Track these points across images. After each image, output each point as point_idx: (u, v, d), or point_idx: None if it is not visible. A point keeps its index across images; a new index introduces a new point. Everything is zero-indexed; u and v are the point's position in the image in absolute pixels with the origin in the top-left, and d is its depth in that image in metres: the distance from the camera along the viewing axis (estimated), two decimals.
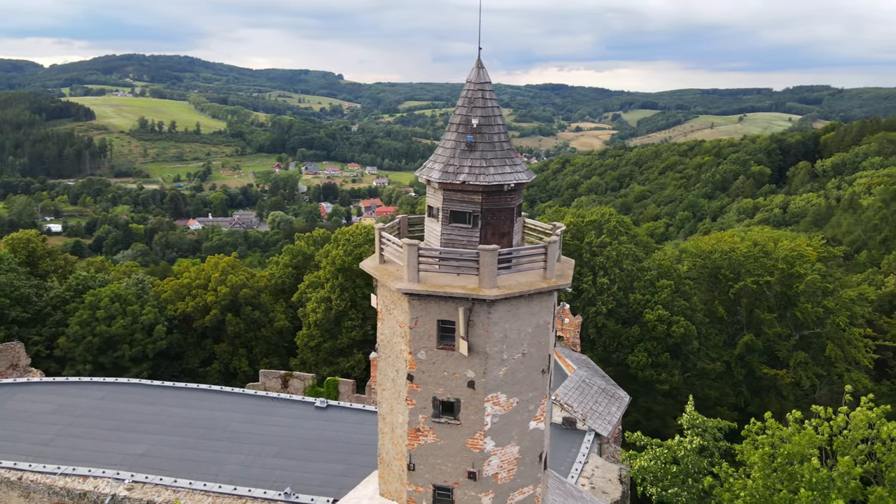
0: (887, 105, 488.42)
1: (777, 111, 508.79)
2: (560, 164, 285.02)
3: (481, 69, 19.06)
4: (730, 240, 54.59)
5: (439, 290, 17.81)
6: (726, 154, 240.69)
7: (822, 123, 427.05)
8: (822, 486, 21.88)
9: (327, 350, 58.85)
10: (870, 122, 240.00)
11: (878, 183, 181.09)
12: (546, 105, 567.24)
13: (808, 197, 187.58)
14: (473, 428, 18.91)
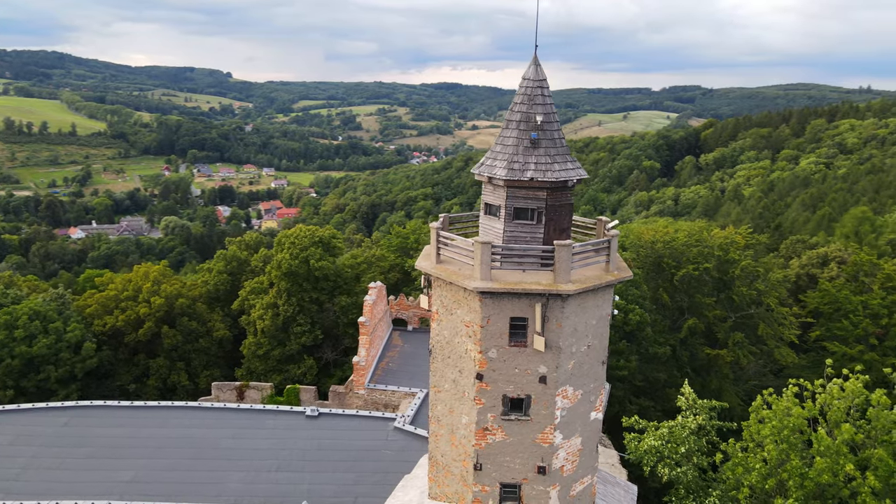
0: (751, 103, 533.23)
1: (656, 109, 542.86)
2: (463, 162, 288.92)
3: (539, 66, 19.22)
4: (662, 231, 57.84)
5: (516, 287, 17.81)
6: (619, 150, 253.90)
7: (696, 121, 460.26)
8: (831, 453, 23.92)
9: (276, 358, 56.71)
10: (742, 119, 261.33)
11: (756, 175, 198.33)
12: (442, 104, 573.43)
13: (697, 189, 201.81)
14: (544, 423, 19.08)
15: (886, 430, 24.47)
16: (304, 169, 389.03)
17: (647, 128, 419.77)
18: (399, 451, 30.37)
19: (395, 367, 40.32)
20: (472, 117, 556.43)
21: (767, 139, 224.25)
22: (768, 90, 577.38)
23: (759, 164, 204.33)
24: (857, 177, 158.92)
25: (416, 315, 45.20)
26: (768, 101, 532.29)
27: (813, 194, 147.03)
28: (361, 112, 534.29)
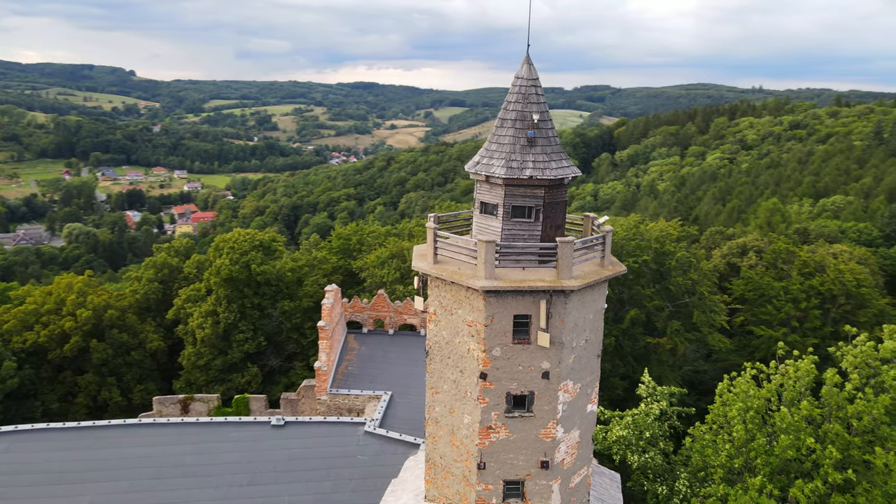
0: (657, 102, 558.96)
1: (570, 108, 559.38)
2: (385, 162, 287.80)
3: (531, 65, 19.38)
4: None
5: (522, 285, 17.91)
6: None
7: (607, 119, 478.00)
8: (793, 429, 25.48)
9: (218, 367, 54.59)
10: (652, 117, 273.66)
11: (668, 170, 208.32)
12: (359, 104, 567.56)
13: (614, 185, 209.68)
14: (546, 418, 19.30)
15: (839, 406, 26.31)
16: (218, 171, 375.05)
17: (562, 126, 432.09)
18: (373, 456, 29.89)
19: (356, 370, 39.64)
20: (390, 117, 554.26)
21: (676, 136, 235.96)
22: (672, 90, 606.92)
23: (670, 161, 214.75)
24: (759, 171, 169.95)
25: (371, 317, 44.62)
26: (672, 100, 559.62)
27: (721, 188, 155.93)
28: (277, 112, 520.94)
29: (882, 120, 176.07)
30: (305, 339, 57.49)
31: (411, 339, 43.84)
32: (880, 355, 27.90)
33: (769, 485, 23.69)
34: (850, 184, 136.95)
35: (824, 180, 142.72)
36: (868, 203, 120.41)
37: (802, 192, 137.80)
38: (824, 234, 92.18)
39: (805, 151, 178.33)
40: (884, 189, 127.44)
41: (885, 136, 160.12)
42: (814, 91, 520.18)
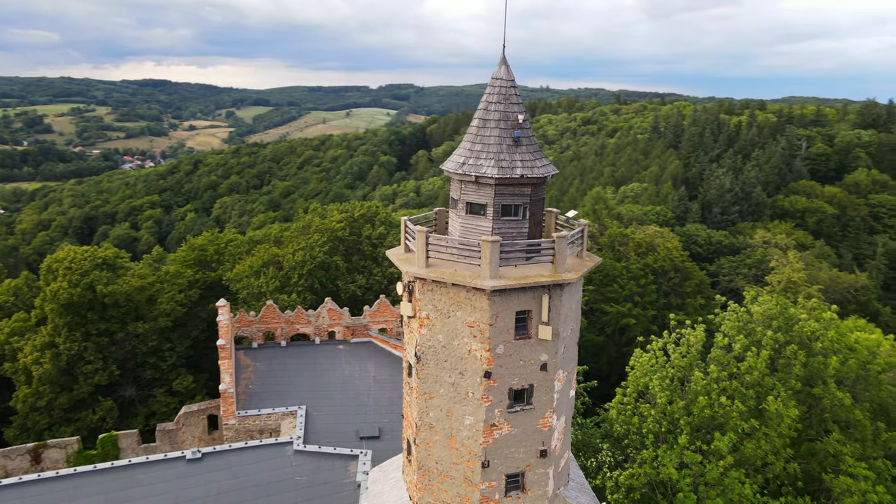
0: (458, 100, 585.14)
1: (376, 106, 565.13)
2: (192, 165, 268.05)
3: (508, 66, 19.77)
4: None
5: (527, 281, 18.31)
6: (356, 146, 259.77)
7: (414, 117, 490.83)
8: (705, 391, 28.93)
9: (63, 406, 47.91)
10: (462, 115, 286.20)
11: None
12: (150, 103, 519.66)
13: (434, 181, 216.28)
14: (544, 408, 19.96)
15: (734, 366, 30.40)
16: None
17: (370, 124, 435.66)
18: (312, 475, 28.38)
19: (258, 388, 37.08)
20: (187, 117, 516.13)
21: None
22: (471, 88, 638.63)
23: None
24: (564, 163, 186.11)
25: (260, 330, 41.91)
26: (472, 99, 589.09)
27: None
28: (50, 112, 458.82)
29: (657, 116, 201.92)
30: (165, 362, 52.41)
31: (307, 350, 42.00)
32: (754, 318, 32.61)
33: (697, 440, 26.75)
34: (641, 172, 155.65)
35: (620, 170, 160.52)
36: (659, 188, 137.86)
37: (605, 181, 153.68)
38: (634, 217, 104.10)
39: (599, 144, 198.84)
40: (668, 177, 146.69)
41: (662, 130, 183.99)
42: (591, 90, 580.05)
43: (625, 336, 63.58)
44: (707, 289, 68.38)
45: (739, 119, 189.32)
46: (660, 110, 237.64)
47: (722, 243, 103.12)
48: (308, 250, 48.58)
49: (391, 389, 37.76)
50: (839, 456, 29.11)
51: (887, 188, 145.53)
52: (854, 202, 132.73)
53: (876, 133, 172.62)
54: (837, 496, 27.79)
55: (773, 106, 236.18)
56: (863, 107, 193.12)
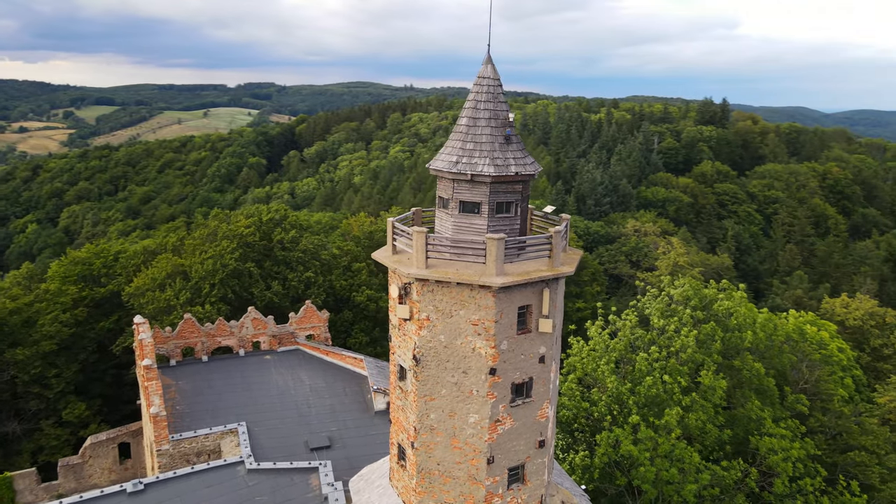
0: (322, 100, 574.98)
1: (236, 106, 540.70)
2: (30, 171, 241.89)
3: (493, 65, 19.97)
4: (370, 220, 61.50)
5: (532, 276, 18.66)
6: (221, 148, 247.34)
7: (277, 116, 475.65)
8: (651, 370, 30.94)
9: None
10: (331, 114, 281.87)
11: (358, 164, 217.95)
12: None
13: (308, 182, 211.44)
14: (542, 400, 20.47)
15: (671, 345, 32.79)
16: None
17: (231, 125, 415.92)
18: (272, 493, 26.99)
19: (186, 409, 34.46)
20: (17, 117, 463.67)
21: (358, 132, 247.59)
22: (335, 87, 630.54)
23: (358, 155, 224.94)
24: None
25: (178, 346, 38.96)
26: (336, 98, 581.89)
27: (415, 178, 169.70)
28: None
29: (525, 115, 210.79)
30: (51, 390, 47.54)
31: (232, 363, 39.65)
32: (675, 299, 35.33)
33: (651, 417, 28.59)
34: None
35: None
36: (536, 183, 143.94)
37: None
38: None
39: None
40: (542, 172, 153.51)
41: (531, 128, 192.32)
42: (455, 89, 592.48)
43: None
44: (601, 276, 72.77)
45: (598, 117, 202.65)
46: (525, 108, 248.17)
47: (599, 233, 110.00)
48: (218, 258, 45.81)
49: (331, 397, 36.69)
50: (760, 420, 32.42)
51: (729, 178, 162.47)
52: (703, 191, 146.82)
53: (714, 129, 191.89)
54: (764, 455, 30.98)
55: (626, 104, 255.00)
56: (701, 105, 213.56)
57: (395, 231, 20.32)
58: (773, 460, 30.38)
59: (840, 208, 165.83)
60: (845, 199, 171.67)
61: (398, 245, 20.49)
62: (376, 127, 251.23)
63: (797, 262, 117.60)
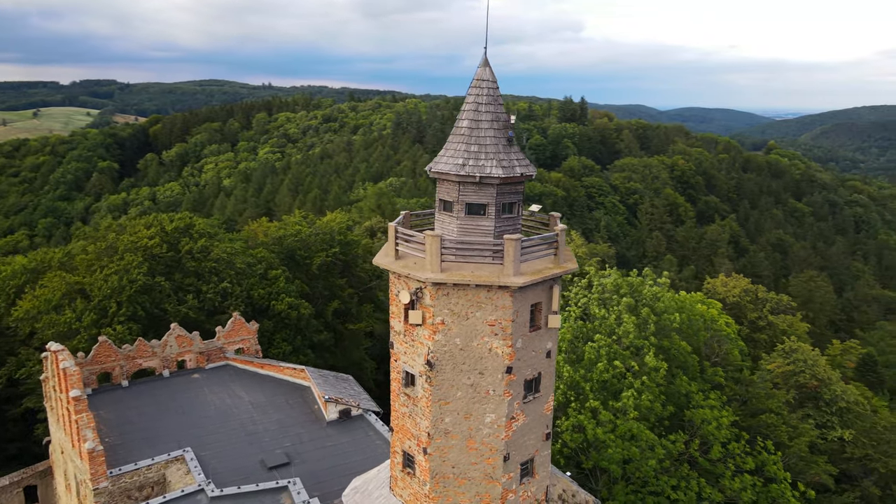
0: (172, 98, 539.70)
1: (72, 105, 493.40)
2: None
3: (491, 68, 20.18)
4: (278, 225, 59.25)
5: (546, 274, 19.14)
6: (63, 152, 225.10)
7: (122, 116, 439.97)
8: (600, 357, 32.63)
9: None
10: (189, 114, 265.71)
11: (225, 167, 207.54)
12: None
13: (172, 186, 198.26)
14: (548, 393, 21.08)
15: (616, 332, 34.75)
16: None
17: (68, 126, 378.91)
18: None
19: (117, 440, 31.35)
20: None
21: (222, 133, 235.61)
22: (186, 86, 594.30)
23: (225, 157, 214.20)
24: (315, 163, 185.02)
25: (92, 373, 35.30)
26: (188, 97, 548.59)
27: (291, 179, 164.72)
28: None
29: (399, 113, 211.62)
30: None
31: (157, 386, 36.61)
32: (608, 289, 37.53)
33: (611, 401, 30.24)
34: (395, 167, 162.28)
35: (375, 166, 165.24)
36: (416, 181, 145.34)
37: (362, 177, 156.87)
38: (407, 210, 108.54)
39: (345, 142, 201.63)
40: (421, 170, 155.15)
41: (405, 126, 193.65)
42: (315, 88, 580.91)
43: None
44: None
45: None
46: (394, 107, 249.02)
47: None
48: (123, 274, 41.96)
49: (276, 411, 35.06)
50: (689, 394, 35.38)
51: (594, 171, 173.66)
52: (574, 185, 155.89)
53: (576, 126, 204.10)
54: (700, 425, 33.88)
55: None
56: (562, 104, 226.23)
57: (403, 237, 19.98)
58: (707, 430, 33.38)
59: (687, 197, 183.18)
60: (691, 188, 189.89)
61: (401, 250, 20.16)
62: (241, 127, 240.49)
63: (663, 248, 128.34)
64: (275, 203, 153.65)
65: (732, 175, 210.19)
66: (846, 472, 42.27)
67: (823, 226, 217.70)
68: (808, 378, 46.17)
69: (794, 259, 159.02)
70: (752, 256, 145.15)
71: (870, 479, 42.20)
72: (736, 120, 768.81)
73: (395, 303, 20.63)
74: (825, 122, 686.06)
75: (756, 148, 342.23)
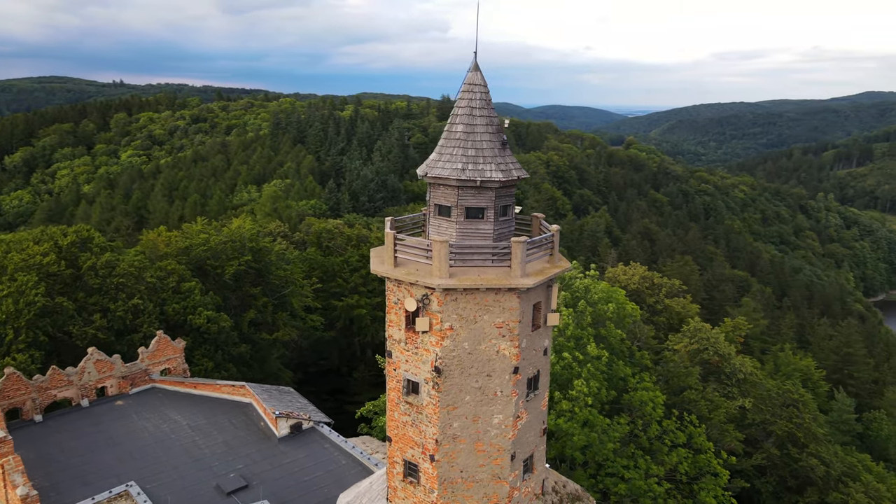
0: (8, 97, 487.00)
1: None
2: None
3: (481, 72, 20.29)
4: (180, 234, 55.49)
5: (549, 275, 19.60)
6: None
7: None
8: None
9: None
10: (33, 114, 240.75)
11: (83, 172, 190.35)
12: None
13: (20, 195, 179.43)
14: (545, 390, 21.62)
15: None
16: None
17: None
18: None
19: (44, 482, 28.06)
20: None
21: (75, 134, 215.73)
22: (23, 83, 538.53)
23: (81, 161, 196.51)
24: (188, 165, 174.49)
25: (41, 400, 31.32)
26: (27, 95, 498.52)
27: (163, 184, 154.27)
28: None
29: (277, 113, 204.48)
30: None
31: (78, 417, 33.15)
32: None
33: (566, 391, 31.36)
34: (279, 169, 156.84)
35: (256, 168, 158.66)
36: (303, 183, 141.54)
37: (244, 179, 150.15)
38: (303, 213, 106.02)
39: (220, 143, 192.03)
40: (306, 171, 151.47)
41: (284, 126, 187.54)
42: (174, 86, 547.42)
43: (355, 325, 65.90)
44: None
45: (346, 114, 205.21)
46: (268, 106, 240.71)
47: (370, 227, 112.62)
48: (18, 296, 37.50)
49: (220, 432, 33.00)
50: (625, 378, 37.54)
51: None
52: None
53: None
54: (638, 406, 36.05)
55: (369, 101, 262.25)
56: (441, 102, 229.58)
57: (402, 244, 19.63)
58: (645, 410, 35.64)
59: (563, 191, 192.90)
60: (566, 182, 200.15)
61: (400, 257, 19.82)
62: (97, 128, 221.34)
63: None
64: (147, 210, 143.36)
65: (601, 169, 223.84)
66: (750, 436, 46.89)
67: (679, 214, 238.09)
68: (711, 355, 50.76)
69: (660, 246, 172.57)
70: (625, 245, 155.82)
71: (769, 441, 47.13)
72: (593, 117, 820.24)
73: (393, 311, 20.26)
74: (671, 119, 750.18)
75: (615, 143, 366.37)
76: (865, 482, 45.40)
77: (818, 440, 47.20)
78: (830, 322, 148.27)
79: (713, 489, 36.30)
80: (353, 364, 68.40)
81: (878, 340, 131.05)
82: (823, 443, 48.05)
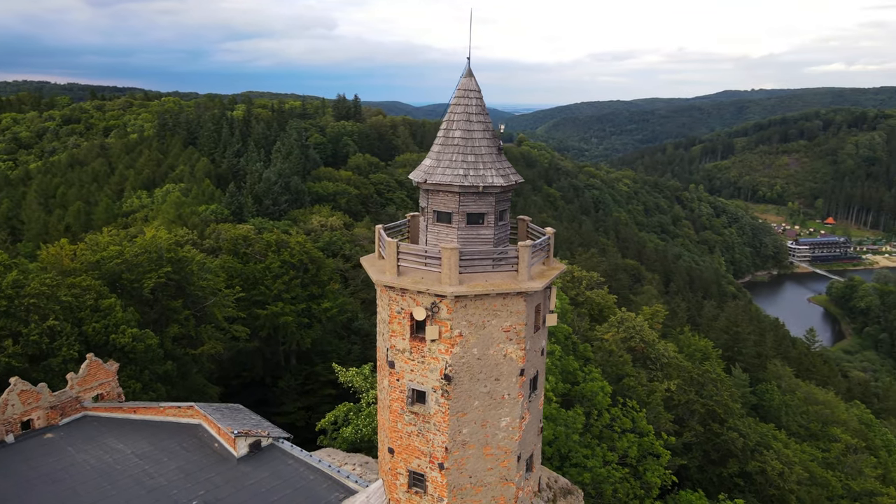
0: None
1: None
2: None
3: (475, 77, 20.29)
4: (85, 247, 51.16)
5: (549, 278, 19.97)
6: None
7: None
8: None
9: None
10: None
11: None
12: None
13: None
14: (542, 390, 22.01)
15: None
16: None
17: None
18: None
19: None
20: None
21: None
22: None
23: None
24: (63, 171, 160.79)
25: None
26: None
27: (37, 191, 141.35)
28: None
29: (161, 113, 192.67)
30: None
31: (5, 455, 29.79)
32: None
33: None
34: (171, 173, 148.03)
35: (145, 172, 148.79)
36: (201, 187, 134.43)
37: (133, 184, 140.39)
38: (207, 218, 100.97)
39: (98, 145, 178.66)
40: (201, 174, 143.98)
41: (172, 127, 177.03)
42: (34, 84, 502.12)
43: (279, 334, 63.80)
44: (335, 273, 73.51)
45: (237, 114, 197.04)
46: (149, 106, 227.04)
47: (289, 232, 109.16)
48: None
49: (171, 458, 30.80)
50: (574, 371, 38.82)
51: (379, 168, 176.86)
52: (363, 182, 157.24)
53: (353, 123, 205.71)
54: (589, 397, 37.38)
55: (260, 100, 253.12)
56: (337, 102, 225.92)
57: (405, 253, 19.29)
58: (596, 400, 37.08)
59: None
60: None
61: (403, 265, 19.49)
62: None
63: None
64: (19, 220, 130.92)
65: None
66: (677, 416, 50.04)
67: (572, 208, 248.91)
68: (637, 342, 53.64)
69: (558, 240, 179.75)
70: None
71: (693, 419, 50.54)
72: None
73: (396, 321, 19.90)
74: (555, 117, 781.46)
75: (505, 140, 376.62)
76: (776, 450, 49.85)
77: (735, 414, 51.22)
78: (715, 304, 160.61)
79: (657, 469, 38.44)
80: (278, 373, 66.15)
81: (751, 318, 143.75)
82: (739, 416, 52.19)
